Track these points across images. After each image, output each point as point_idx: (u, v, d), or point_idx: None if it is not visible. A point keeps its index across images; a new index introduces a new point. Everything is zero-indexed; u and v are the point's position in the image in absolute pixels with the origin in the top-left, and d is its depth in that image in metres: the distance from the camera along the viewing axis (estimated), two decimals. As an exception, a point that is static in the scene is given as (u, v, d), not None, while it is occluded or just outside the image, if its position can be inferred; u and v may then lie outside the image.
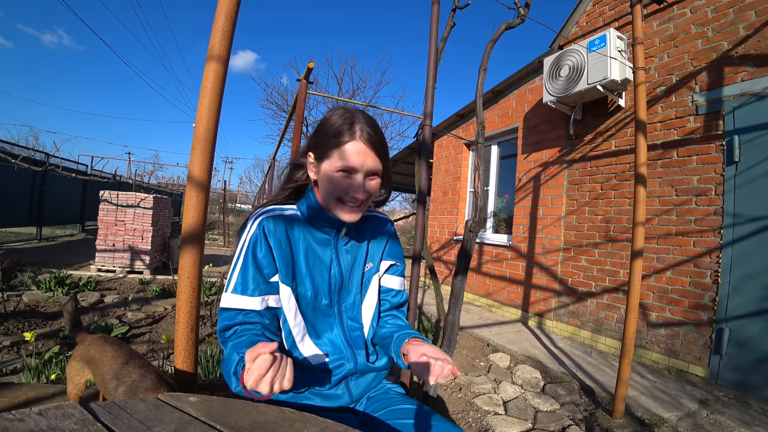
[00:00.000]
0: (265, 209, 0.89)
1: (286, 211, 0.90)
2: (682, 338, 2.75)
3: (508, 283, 4.43)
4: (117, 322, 3.08)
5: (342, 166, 0.80)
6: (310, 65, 2.98)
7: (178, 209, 14.61)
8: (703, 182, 2.74)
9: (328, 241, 0.91)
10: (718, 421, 2.10)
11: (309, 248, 0.89)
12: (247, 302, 0.82)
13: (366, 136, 0.81)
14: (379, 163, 0.83)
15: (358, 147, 0.80)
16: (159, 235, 5.66)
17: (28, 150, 9.60)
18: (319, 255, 0.90)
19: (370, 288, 0.97)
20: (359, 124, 0.81)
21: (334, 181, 0.81)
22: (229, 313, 0.82)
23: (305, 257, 0.88)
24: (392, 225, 1.06)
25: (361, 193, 0.81)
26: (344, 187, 0.82)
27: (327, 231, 0.91)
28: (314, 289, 0.89)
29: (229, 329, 0.81)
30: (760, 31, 2.48)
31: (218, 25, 0.94)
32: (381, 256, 1.00)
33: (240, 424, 0.57)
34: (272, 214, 0.87)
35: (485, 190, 5.02)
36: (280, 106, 12.13)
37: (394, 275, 1.02)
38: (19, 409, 0.49)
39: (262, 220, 0.85)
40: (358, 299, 0.95)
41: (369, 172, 0.82)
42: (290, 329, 0.87)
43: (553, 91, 3.54)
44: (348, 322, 0.93)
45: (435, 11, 1.80)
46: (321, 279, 0.90)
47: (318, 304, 0.89)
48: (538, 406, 2.30)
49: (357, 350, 0.92)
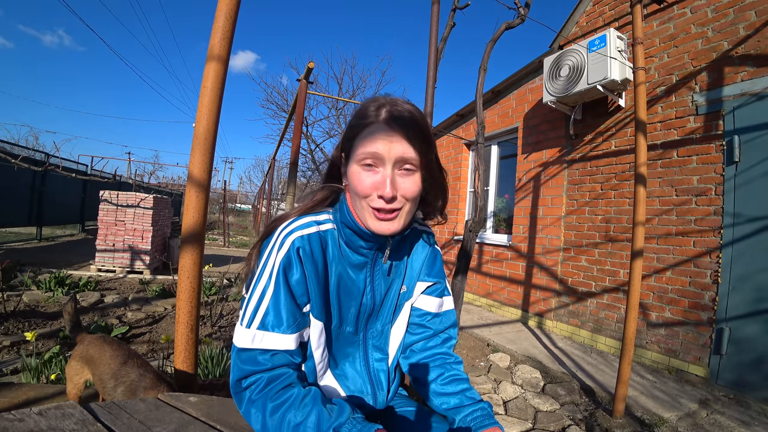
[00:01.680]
0: (298, 224, 0.71)
1: (322, 225, 0.73)
2: (682, 338, 2.75)
3: (508, 283, 4.43)
4: (117, 322, 3.07)
5: (362, 156, 0.65)
6: (310, 65, 2.98)
7: (178, 209, 14.61)
8: (703, 182, 2.74)
9: (364, 264, 0.75)
10: (718, 421, 2.10)
11: (342, 273, 0.74)
12: (281, 341, 0.65)
13: (393, 116, 0.64)
14: (413, 150, 0.65)
15: (382, 129, 0.64)
16: (159, 235, 5.66)
17: (28, 150, 9.59)
18: (353, 280, 0.75)
19: (401, 314, 0.83)
20: (387, 106, 0.66)
21: (356, 179, 0.66)
22: (251, 354, 0.64)
23: (337, 284, 0.74)
24: (433, 237, 0.87)
25: (389, 190, 0.63)
26: (368, 185, 0.65)
27: (364, 252, 0.74)
28: (340, 318, 0.76)
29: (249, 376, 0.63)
30: (760, 31, 2.48)
31: (218, 25, 0.94)
32: (418, 277, 0.84)
33: (240, 424, 0.57)
34: (307, 231, 0.70)
35: (485, 190, 5.02)
36: (280, 106, 12.13)
37: (433, 296, 0.84)
38: (19, 409, 0.49)
39: (296, 239, 0.68)
40: (388, 328, 0.82)
41: (399, 161, 0.65)
42: (315, 365, 0.74)
43: (553, 91, 3.54)
44: (372, 352, 0.81)
45: (435, 11, 1.80)
46: (349, 307, 0.76)
47: (342, 333, 0.77)
48: (538, 406, 2.30)
49: (378, 388, 0.80)
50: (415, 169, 0.67)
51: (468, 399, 0.75)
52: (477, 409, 0.72)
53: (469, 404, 0.73)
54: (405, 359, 0.86)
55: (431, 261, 0.85)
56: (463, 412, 0.72)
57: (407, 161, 0.66)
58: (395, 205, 0.66)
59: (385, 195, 0.64)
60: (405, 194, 0.66)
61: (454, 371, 0.80)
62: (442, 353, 0.83)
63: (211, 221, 17.57)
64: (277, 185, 17.77)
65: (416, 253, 0.84)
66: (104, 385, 0.97)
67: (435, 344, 0.84)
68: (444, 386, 0.78)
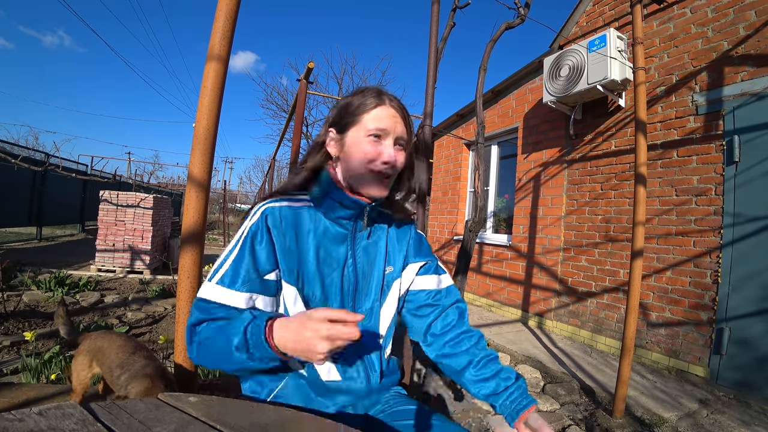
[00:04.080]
0: (271, 199, 0.80)
1: (297, 202, 0.81)
2: (682, 338, 2.75)
3: (508, 283, 4.43)
4: (117, 322, 3.08)
5: (373, 129, 0.76)
6: (310, 65, 2.98)
7: (178, 209, 14.60)
8: (703, 182, 2.73)
9: (344, 237, 0.82)
10: (718, 421, 2.10)
11: (321, 244, 0.80)
12: (230, 297, 0.71)
13: (395, 104, 0.79)
14: (406, 132, 0.80)
15: (389, 111, 0.78)
16: (159, 235, 5.66)
17: (28, 150, 9.60)
18: (332, 252, 0.81)
19: (390, 293, 0.87)
20: (388, 95, 0.80)
21: (362, 147, 0.76)
22: (208, 305, 0.71)
23: (315, 254, 0.79)
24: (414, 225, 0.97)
25: (392, 155, 0.76)
26: (375, 153, 0.76)
27: (344, 224, 0.81)
28: (323, 291, 0.79)
29: (202, 323, 0.71)
30: (760, 31, 2.48)
31: (218, 25, 0.94)
32: (404, 260, 0.90)
33: (240, 424, 0.57)
34: (279, 204, 0.79)
35: (485, 190, 5.02)
36: (280, 106, 12.15)
37: (429, 274, 0.91)
38: (19, 409, 0.49)
39: (266, 209, 0.77)
40: (377, 306, 0.85)
41: (398, 139, 0.79)
42: None
43: (553, 91, 3.54)
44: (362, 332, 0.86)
45: (435, 11, 1.80)
46: (332, 280, 0.80)
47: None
48: (538, 406, 2.30)
49: (371, 370, 0.83)
50: (405, 147, 0.80)
51: (504, 381, 0.81)
52: (514, 390, 0.79)
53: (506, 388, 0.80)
54: (428, 347, 0.90)
55: (417, 243, 0.93)
56: (502, 397, 0.79)
57: (402, 139, 0.79)
58: (391, 171, 0.78)
59: (390, 160, 0.76)
60: (397, 164, 0.79)
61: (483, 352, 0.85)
62: (463, 332, 0.88)
63: (211, 221, 17.56)
64: (277, 185, 17.75)
65: (399, 236, 0.91)
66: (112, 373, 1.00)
67: (452, 321, 0.89)
68: (478, 372, 0.83)
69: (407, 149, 0.81)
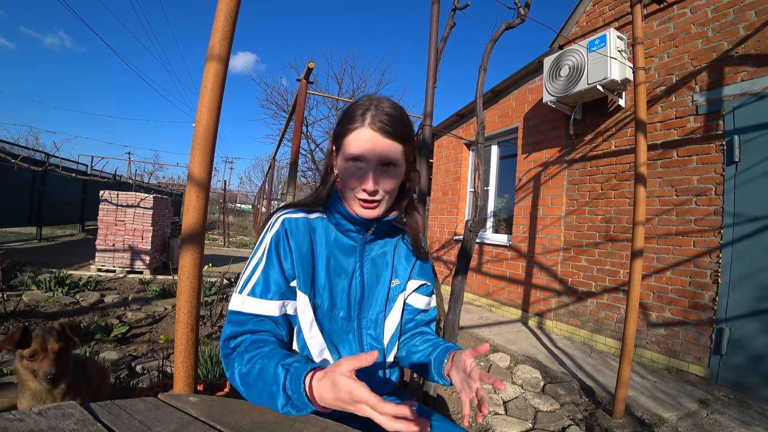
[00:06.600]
0: (289, 210, 0.83)
1: (311, 214, 0.83)
2: (682, 338, 2.75)
3: (508, 283, 4.43)
4: (117, 322, 3.08)
5: (349, 154, 0.74)
6: (310, 65, 2.99)
7: (178, 209, 14.59)
8: (703, 182, 2.74)
9: (353, 249, 0.84)
10: (718, 421, 2.10)
11: (331, 254, 0.82)
12: (264, 307, 0.74)
13: (378, 122, 0.73)
14: (396, 151, 0.75)
15: (367, 133, 0.73)
16: (159, 235, 5.65)
17: (28, 150, 9.60)
18: (342, 263, 0.83)
19: (395, 306, 0.89)
20: (372, 111, 0.74)
21: (344, 172, 0.76)
22: (241, 317, 0.73)
23: (326, 264, 0.81)
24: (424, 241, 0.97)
25: (370, 184, 0.73)
26: (356, 181, 0.75)
27: (353, 237, 0.84)
28: (331, 300, 0.81)
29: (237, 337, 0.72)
30: (760, 31, 2.48)
31: (218, 25, 0.94)
32: (409, 275, 0.91)
33: (240, 424, 0.57)
34: (296, 215, 0.81)
35: (485, 190, 5.02)
36: (280, 106, 12.12)
37: (423, 294, 0.94)
38: (19, 409, 0.49)
39: (285, 219, 0.80)
40: (382, 316, 0.87)
41: (383, 161, 0.75)
42: (305, 342, 0.80)
43: (553, 91, 3.54)
44: (368, 340, 0.85)
45: (435, 11, 1.80)
46: (340, 290, 0.82)
47: (335, 317, 0.82)
48: (538, 406, 2.30)
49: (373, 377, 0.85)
50: (394, 165, 0.77)
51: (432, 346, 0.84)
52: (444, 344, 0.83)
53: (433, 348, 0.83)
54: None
55: (422, 263, 0.95)
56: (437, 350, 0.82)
57: (387, 160, 0.75)
58: (377, 197, 0.76)
59: (368, 189, 0.74)
60: (384, 188, 0.77)
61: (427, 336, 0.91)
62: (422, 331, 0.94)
63: (211, 221, 17.56)
64: (277, 185, 17.78)
65: (404, 250, 0.92)
66: None
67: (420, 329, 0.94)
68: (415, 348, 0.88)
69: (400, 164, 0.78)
